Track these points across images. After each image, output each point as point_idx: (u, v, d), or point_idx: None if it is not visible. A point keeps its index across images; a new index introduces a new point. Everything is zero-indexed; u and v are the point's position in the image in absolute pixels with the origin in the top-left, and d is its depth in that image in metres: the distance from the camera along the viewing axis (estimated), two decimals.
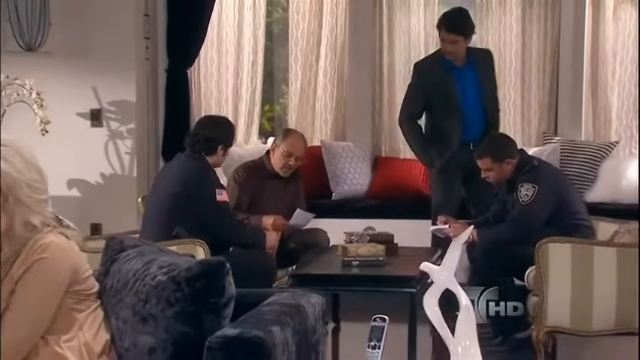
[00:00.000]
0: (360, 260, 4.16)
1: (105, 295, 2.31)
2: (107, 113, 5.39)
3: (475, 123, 4.88)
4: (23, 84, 4.91)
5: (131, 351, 2.19)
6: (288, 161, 4.72)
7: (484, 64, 4.93)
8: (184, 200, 4.08)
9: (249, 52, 5.90)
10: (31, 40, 5.27)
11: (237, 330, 2.02)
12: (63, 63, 5.32)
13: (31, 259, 2.16)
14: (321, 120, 6.01)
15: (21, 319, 2.14)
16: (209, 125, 4.35)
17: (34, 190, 2.21)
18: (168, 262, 2.23)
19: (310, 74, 5.98)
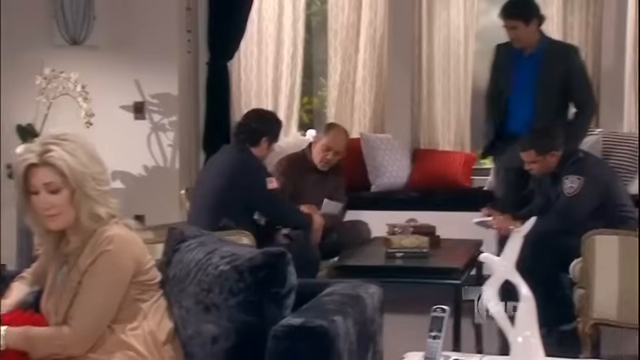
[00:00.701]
0: (403, 252, 4.19)
1: (167, 284, 2.36)
2: (150, 106, 5.44)
3: (520, 115, 4.85)
4: (68, 77, 4.97)
5: (194, 339, 2.24)
6: (326, 155, 4.76)
7: (556, 58, 4.77)
8: (233, 191, 4.14)
9: (289, 45, 5.93)
10: (76, 33, 5.34)
11: (300, 319, 2.05)
12: (107, 56, 5.38)
13: (97, 251, 2.22)
14: (359, 112, 6.02)
15: (88, 308, 2.21)
16: (255, 117, 4.42)
17: (98, 182, 2.26)
18: (230, 252, 2.28)
19: (349, 67, 5.99)
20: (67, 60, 5.16)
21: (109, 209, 2.28)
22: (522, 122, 4.80)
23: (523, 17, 4.68)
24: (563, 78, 4.74)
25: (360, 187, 5.64)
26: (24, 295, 2.39)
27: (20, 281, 2.43)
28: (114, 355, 2.20)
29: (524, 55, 4.80)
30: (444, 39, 5.89)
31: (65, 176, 2.21)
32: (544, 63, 4.76)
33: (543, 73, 4.75)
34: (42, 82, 4.95)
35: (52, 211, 2.24)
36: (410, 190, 5.77)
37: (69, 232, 2.29)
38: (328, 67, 6.05)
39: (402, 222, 4.60)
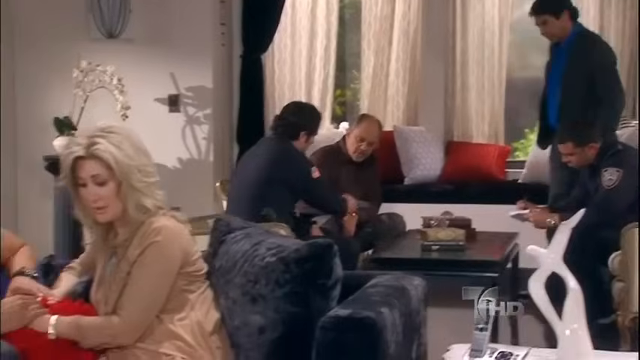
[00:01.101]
0: (440, 244, 4.18)
1: (213, 275, 2.38)
2: (184, 99, 5.47)
3: (552, 108, 4.83)
4: (104, 70, 5.01)
5: (241, 330, 2.26)
6: (360, 145, 4.76)
7: (582, 50, 4.71)
8: (275, 182, 4.16)
9: (322, 38, 5.93)
10: (112, 27, 5.39)
11: (348, 311, 2.07)
12: (142, 49, 5.42)
13: (145, 242, 2.24)
14: (393, 105, 6.02)
15: (137, 298, 2.23)
16: (294, 110, 4.42)
17: (144, 174, 2.28)
18: (276, 243, 2.29)
19: (382, 59, 5.98)
20: (103, 53, 5.20)
21: (155, 201, 2.31)
22: (553, 115, 4.79)
23: (552, 11, 4.66)
24: (588, 70, 4.67)
25: (394, 180, 5.64)
26: (73, 285, 2.43)
27: (69, 271, 2.47)
28: (162, 345, 2.23)
29: (560, 46, 4.78)
30: (479, 31, 5.86)
31: (111, 169, 2.24)
32: (571, 55, 4.73)
33: (569, 65, 4.72)
34: (79, 75, 5.00)
35: (99, 203, 2.27)
36: (443, 182, 5.76)
37: (117, 223, 2.32)
38: (361, 59, 6.05)
39: (436, 215, 4.59)
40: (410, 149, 5.76)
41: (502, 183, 5.71)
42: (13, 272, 2.39)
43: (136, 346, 2.24)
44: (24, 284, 2.33)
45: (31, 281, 2.36)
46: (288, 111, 4.46)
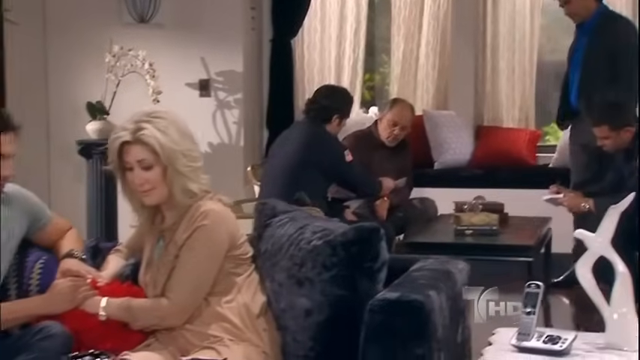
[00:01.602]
0: (473, 229, 4.19)
1: (259, 259, 2.39)
2: (215, 83, 5.49)
3: (573, 89, 4.77)
4: (136, 55, 5.04)
5: (287, 312, 2.27)
6: (393, 130, 4.76)
7: (604, 31, 4.65)
8: (309, 166, 4.17)
9: (352, 22, 5.93)
10: (144, 12, 5.41)
11: (396, 294, 2.07)
12: (173, 34, 5.44)
13: (193, 226, 2.26)
14: (422, 89, 6.01)
15: (186, 281, 2.25)
16: (326, 94, 4.43)
17: (190, 159, 2.30)
18: (322, 227, 2.30)
19: (412, 44, 5.97)
20: (134, 38, 5.23)
21: (200, 185, 2.32)
22: (574, 97, 4.75)
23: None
24: (609, 51, 4.61)
25: (423, 165, 5.64)
26: (120, 267, 2.46)
27: (116, 254, 2.49)
28: (210, 327, 2.25)
29: (582, 28, 4.74)
30: (509, 14, 5.83)
31: (157, 153, 2.25)
32: (592, 35, 4.67)
33: (590, 45, 4.67)
34: (111, 60, 5.03)
35: (145, 187, 2.29)
36: (473, 167, 5.75)
37: (163, 207, 2.34)
38: (391, 44, 6.04)
39: (467, 199, 4.58)
40: (440, 134, 5.75)
41: (533, 167, 5.70)
42: (61, 254, 2.42)
43: (184, 327, 2.26)
44: (73, 266, 2.36)
45: (80, 263, 2.38)
46: (320, 94, 4.46)
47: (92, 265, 2.45)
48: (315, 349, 2.20)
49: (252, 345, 2.24)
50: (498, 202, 4.58)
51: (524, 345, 2.08)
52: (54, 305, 2.26)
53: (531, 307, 2.10)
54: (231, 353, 2.19)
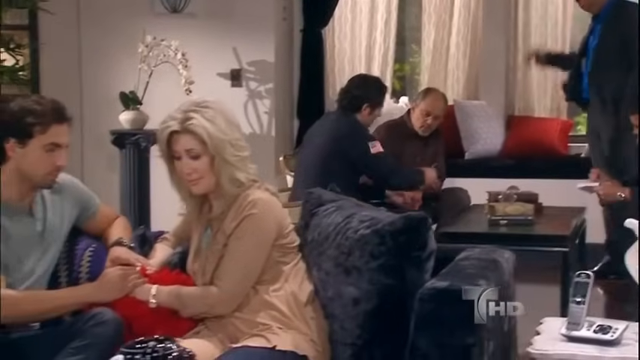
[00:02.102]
0: (508, 219, 4.17)
1: (306, 247, 2.41)
2: (246, 73, 5.51)
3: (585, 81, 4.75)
4: (169, 45, 5.05)
5: (335, 301, 2.29)
6: (426, 120, 4.75)
7: (615, 21, 4.62)
8: (339, 156, 4.17)
9: (383, 12, 5.92)
10: (176, 2, 5.43)
11: (445, 283, 2.08)
12: (205, 24, 5.46)
13: (241, 215, 2.28)
14: (453, 79, 5.99)
15: (234, 270, 2.28)
16: (357, 83, 4.43)
17: (237, 148, 2.31)
18: (369, 216, 2.31)
19: (443, 33, 5.95)
20: (166, 28, 5.25)
21: (248, 174, 2.34)
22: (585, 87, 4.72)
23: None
24: (620, 41, 4.57)
25: (454, 155, 5.62)
26: (168, 255, 2.48)
27: (163, 242, 2.52)
28: (258, 315, 2.27)
29: (596, 19, 4.70)
30: (541, 3, 5.80)
31: (205, 143, 2.27)
32: (605, 25, 4.63)
33: (602, 35, 4.63)
34: (144, 50, 5.05)
35: (193, 176, 2.31)
36: (504, 157, 5.73)
37: (211, 196, 2.36)
38: (422, 33, 6.02)
39: (498, 189, 4.56)
40: (471, 124, 5.73)
41: (565, 157, 5.67)
42: (110, 243, 2.45)
43: (233, 315, 2.28)
44: (122, 254, 2.39)
45: (129, 251, 2.42)
46: (352, 83, 4.47)
47: (140, 253, 2.48)
48: (362, 337, 2.22)
49: (300, 333, 2.26)
50: (533, 192, 4.56)
51: (574, 334, 2.08)
52: (104, 293, 2.29)
53: (581, 296, 2.10)
54: (280, 341, 2.21)
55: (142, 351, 1.49)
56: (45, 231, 2.37)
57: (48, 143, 2.29)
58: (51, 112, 2.29)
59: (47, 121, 2.28)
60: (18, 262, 2.30)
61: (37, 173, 2.31)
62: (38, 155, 2.28)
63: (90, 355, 2.15)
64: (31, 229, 2.34)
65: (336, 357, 2.27)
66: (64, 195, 2.44)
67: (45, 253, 2.37)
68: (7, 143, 2.28)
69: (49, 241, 2.38)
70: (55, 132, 2.30)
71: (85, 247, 2.49)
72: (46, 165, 2.30)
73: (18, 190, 2.33)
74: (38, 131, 2.27)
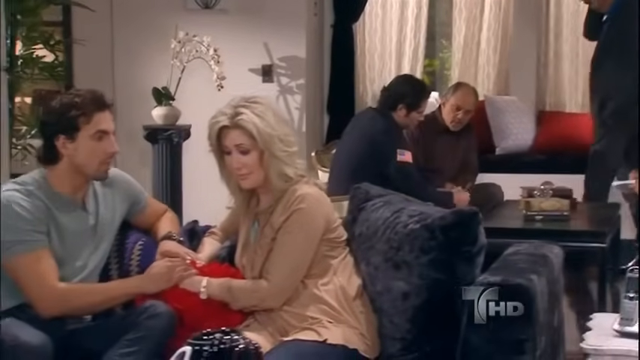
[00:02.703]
0: (543, 215, 4.16)
1: (353, 242, 2.42)
2: (278, 69, 5.52)
3: None
4: (201, 41, 5.07)
5: (384, 295, 2.29)
6: (457, 115, 4.72)
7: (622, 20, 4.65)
8: (368, 156, 4.15)
9: (413, 7, 5.90)
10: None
11: (498, 277, 2.08)
12: (236, 20, 5.47)
13: (290, 209, 2.29)
14: (483, 74, 5.98)
15: (283, 263, 2.29)
16: (397, 82, 4.41)
17: (286, 143, 2.33)
18: (418, 210, 2.31)
19: (474, 28, 5.93)
20: (198, 24, 5.27)
21: (296, 169, 2.35)
22: None
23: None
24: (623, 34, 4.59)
25: (485, 150, 5.60)
26: (217, 249, 2.51)
27: (211, 237, 2.55)
28: (308, 309, 2.28)
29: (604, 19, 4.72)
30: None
31: (254, 138, 2.29)
32: (609, 26, 4.63)
33: (606, 36, 4.64)
34: (176, 46, 5.07)
35: (243, 171, 2.32)
36: (535, 152, 5.71)
37: (260, 190, 2.37)
38: (452, 28, 6.01)
39: (529, 185, 4.54)
40: (501, 119, 5.71)
41: None
42: (160, 236, 2.47)
43: (282, 309, 2.30)
44: (172, 248, 2.41)
45: (178, 245, 2.44)
46: (393, 82, 4.45)
47: (189, 247, 2.50)
48: (412, 331, 2.22)
49: (350, 327, 2.27)
50: (567, 187, 4.55)
51: (627, 330, 2.08)
52: (152, 284, 2.32)
53: (634, 292, 2.09)
54: (331, 334, 2.22)
55: (210, 342, 1.50)
56: (97, 225, 2.40)
57: (95, 132, 2.31)
58: (91, 102, 2.32)
59: (89, 111, 2.30)
60: (71, 256, 2.33)
61: (91, 164, 2.34)
62: (88, 145, 2.31)
63: (143, 347, 2.17)
64: (84, 223, 2.37)
65: (385, 351, 2.28)
66: (115, 189, 2.47)
67: (97, 247, 2.39)
68: (57, 141, 2.31)
69: (101, 235, 2.41)
70: (99, 119, 2.32)
71: (134, 240, 2.52)
72: (98, 154, 2.33)
73: (71, 184, 2.36)
74: (83, 122, 2.29)
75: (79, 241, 2.35)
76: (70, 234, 2.33)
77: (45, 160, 2.35)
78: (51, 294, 2.24)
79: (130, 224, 2.54)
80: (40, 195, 2.30)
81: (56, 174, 2.35)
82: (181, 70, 5.09)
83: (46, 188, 2.33)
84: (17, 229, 2.23)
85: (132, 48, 5.54)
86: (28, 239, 2.24)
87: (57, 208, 2.32)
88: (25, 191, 2.29)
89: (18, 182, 2.33)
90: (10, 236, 2.22)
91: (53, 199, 2.33)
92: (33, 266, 2.22)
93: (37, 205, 2.28)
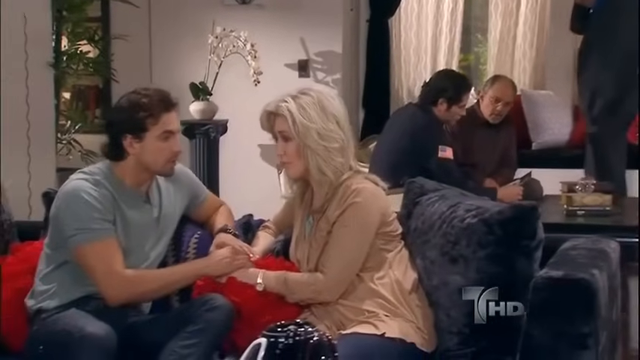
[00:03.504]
0: (585, 209, 4.13)
1: (408, 236, 2.42)
2: (314, 64, 5.52)
3: None
4: (238, 36, 5.09)
5: (440, 289, 2.29)
6: (496, 107, 4.68)
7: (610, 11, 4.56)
8: (409, 152, 4.14)
9: (449, 1, 5.89)
10: None
11: (560, 272, 2.07)
12: (273, 15, 5.48)
13: (345, 203, 2.30)
14: (519, 69, 5.94)
15: (339, 256, 2.30)
16: (439, 76, 4.39)
17: (324, 138, 2.32)
18: (474, 205, 2.31)
19: (510, 22, 5.91)
20: (235, 19, 5.28)
21: (334, 168, 2.32)
22: None
23: None
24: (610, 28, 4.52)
25: (521, 145, 5.56)
26: (271, 243, 2.52)
27: (265, 230, 2.56)
28: (364, 302, 2.28)
29: None
30: None
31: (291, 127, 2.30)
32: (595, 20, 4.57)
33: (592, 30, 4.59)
34: (214, 41, 5.09)
35: (284, 158, 2.36)
36: (572, 147, 5.66)
37: (313, 183, 2.38)
38: (488, 23, 5.98)
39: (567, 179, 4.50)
40: (538, 114, 5.68)
41: (635, 147, 5.58)
42: (216, 229, 2.49)
43: (339, 302, 2.31)
44: (228, 241, 2.43)
45: (234, 238, 2.46)
46: (435, 76, 4.43)
47: (244, 240, 2.51)
48: (469, 325, 2.22)
49: (407, 321, 2.27)
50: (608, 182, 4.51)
51: None
52: (213, 267, 2.35)
53: None
54: (388, 328, 2.23)
55: (285, 334, 1.51)
56: (160, 218, 2.43)
57: (161, 132, 2.34)
58: (158, 102, 2.34)
59: (157, 112, 2.33)
60: (134, 248, 2.36)
61: (157, 163, 2.37)
62: (156, 145, 2.34)
63: (203, 339, 2.19)
64: (147, 216, 2.40)
65: (442, 345, 2.28)
66: (178, 183, 2.50)
67: (159, 240, 2.42)
68: (124, 140, 2.34)
69: (163, 228, 2.44)
70: (166, 120, 2.35)
71: (191, 233, 2.55)
72: (164, 153, 2.36)
73: (137, 178, 2.40)
74: (151, 123, 2.33)
75: (142, 232, 2.38)
76: (134, 225, 2.36)
77: (111, 156, 2.38)
78: (120, 281, 2.27)
79: (185, 217, 2.56)
80: (107, 185, 2.34)
81: (122, 168, 2.38)
82: (218, 66, 5.11)
83: (112, 179, 2.36)
84: (87, 218, 2.26)
85: (169, 43, 5.57)
86: (97, 227, 2.27)
87: (122, 199, 2.35)
88: (94, 181, 2.33)
89: (86, 172, 2.37)
90: (80, 224, 2.26)
91: (119, 190, 2.36)
92: (102, 254, 2.26)
93: (104, 194, 2.31)
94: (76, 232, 2.26)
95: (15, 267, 2.44)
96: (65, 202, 2.30)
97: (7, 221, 2.59)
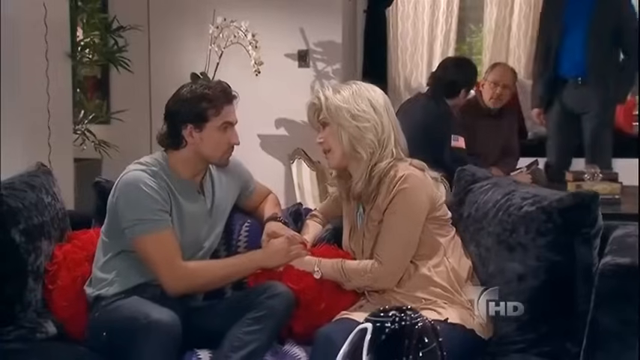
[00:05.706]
0: None
1: (461, 223, 2.42)
2: (314, 54, 5.49)
3: (576, 58, 4.73)
4: (239, 26, 5.03)
5: (496, 277, 2.30)
6: (495, 90, 4.69)
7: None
8: (421, 143, 4.13)
9: None
10: None
11: (626, 259, 2.09)
12: (272, 5, 5.43)
13: (394, 191, 2.30)
14: (514, 58, 5.98)
15: (393, 243, 2.30)
16: (453, 67, 4.34)
17: (355, 117, 2.33)
18: (531, 193, 2.32)
19: (505, 12, 5.94)
20: (235, 9, 5.22)
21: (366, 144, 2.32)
22: (572, 64, 4.71)
23: None
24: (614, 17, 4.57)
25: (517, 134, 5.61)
26: (319, 232, 2.52)
27: (313, 219, 2.56)
28: (420, 290, 2.28)
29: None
30: None
31: None
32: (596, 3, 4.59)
33: (596, 10, 4.59)
34: (214, 32, 5.03)
35: (324, 146, 2.37)
36: None
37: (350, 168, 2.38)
38: (484, 12, 6.01)
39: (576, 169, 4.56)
40: None
41: (630, 136, 5.67)
42: (265, 218, 2.48)
43: (395, 290, 2.30)
44: (278, 229, 2.43)
45: (284, 227, 2.46)
46: (447, 69, 4.35)
47: (294, 229, 2.50)
48: (528, 312, 2.23)
49: (464, 308, 2.28)
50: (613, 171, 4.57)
51: None
52: (271, 258, 2.35)
53: None
54: (449, 314, 2.23)
55: (391, 319, 1.50)
56: (213, 208, 2.41)
57: (222, 123, 2.35)
58: (220, 95, 2.35)
59: (219, 104, 2.34)
60: (188, 238, 2.35)
61: (215, 154, 2.37)
62: (215, 136, 2.34)
63: (265, 325, 2.19)
64: (201, 206, 2.39)
65: (500, 331, 2.28)
66: (230, 174, 2.48)
67: (212, 230, 2.41)
68: (184, 129, 2.33)
69: (216, 218, 2.42)
70: (227, 112, 2.36)
71: (240, 222, 2.54)
72: (222, 144, 2.36)
73: (192, 169, 2.39)
74: (212, 114, 2.33)
75: (196, 223, 2.36)
76: (188, 216, 2.34)
77: (168, 145, 2.36)
78: (182, 273, 2.27)
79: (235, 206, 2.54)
80: (163, 176, 2.33)
81: (178, 159, 2.36)
82: (219, 56, 5.05)
83: (167, 171, 2.35)
84: (145, 208, 2.25)
85: (169, 33, 5.49)
86: (156, 218, 2.26)
87: (178, 190, 2.34)
88: (151, 172, 2.32)
89: (142, 163, 2.35)
90: (139, 215, 2.25)
91: (174, 181, 2.35)
92: (161, 245, 2.25)
93: (161, 185, 2.30)
94: (136, 222, 2.25)
95: (73, 255, 2.44)
96: (125, 193, 2.28)
97: (62, 210, 2.56)
